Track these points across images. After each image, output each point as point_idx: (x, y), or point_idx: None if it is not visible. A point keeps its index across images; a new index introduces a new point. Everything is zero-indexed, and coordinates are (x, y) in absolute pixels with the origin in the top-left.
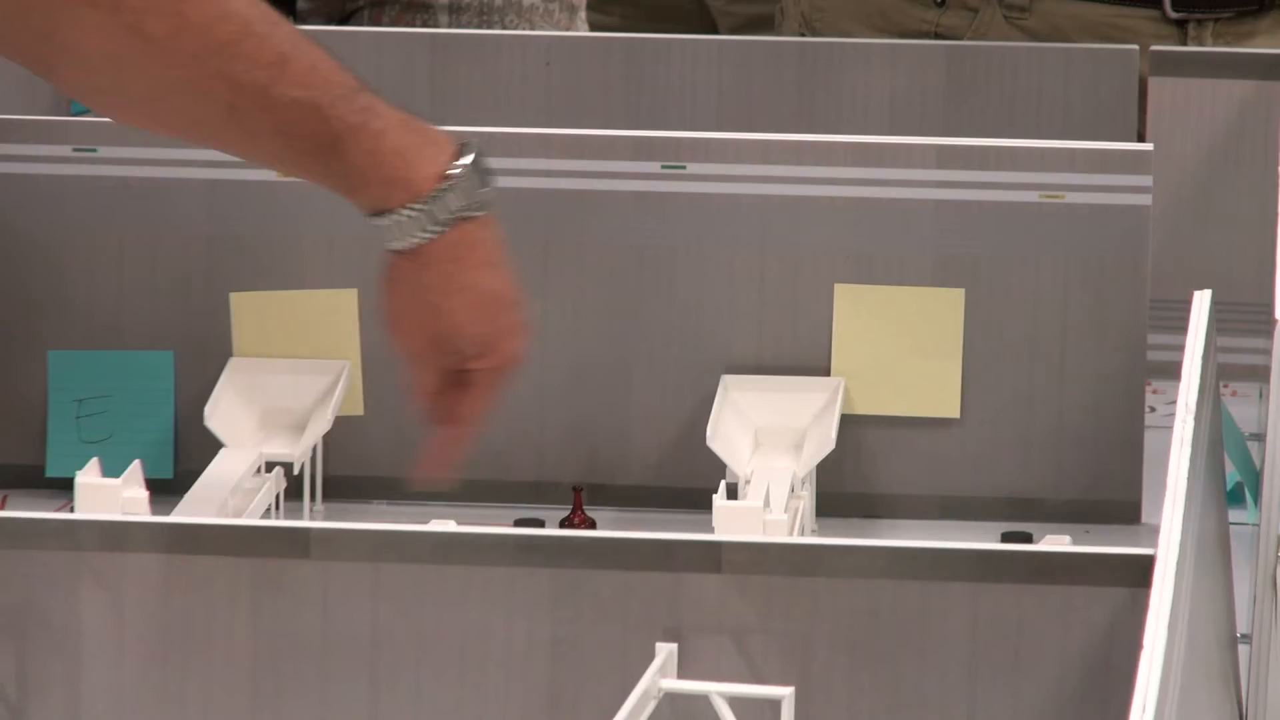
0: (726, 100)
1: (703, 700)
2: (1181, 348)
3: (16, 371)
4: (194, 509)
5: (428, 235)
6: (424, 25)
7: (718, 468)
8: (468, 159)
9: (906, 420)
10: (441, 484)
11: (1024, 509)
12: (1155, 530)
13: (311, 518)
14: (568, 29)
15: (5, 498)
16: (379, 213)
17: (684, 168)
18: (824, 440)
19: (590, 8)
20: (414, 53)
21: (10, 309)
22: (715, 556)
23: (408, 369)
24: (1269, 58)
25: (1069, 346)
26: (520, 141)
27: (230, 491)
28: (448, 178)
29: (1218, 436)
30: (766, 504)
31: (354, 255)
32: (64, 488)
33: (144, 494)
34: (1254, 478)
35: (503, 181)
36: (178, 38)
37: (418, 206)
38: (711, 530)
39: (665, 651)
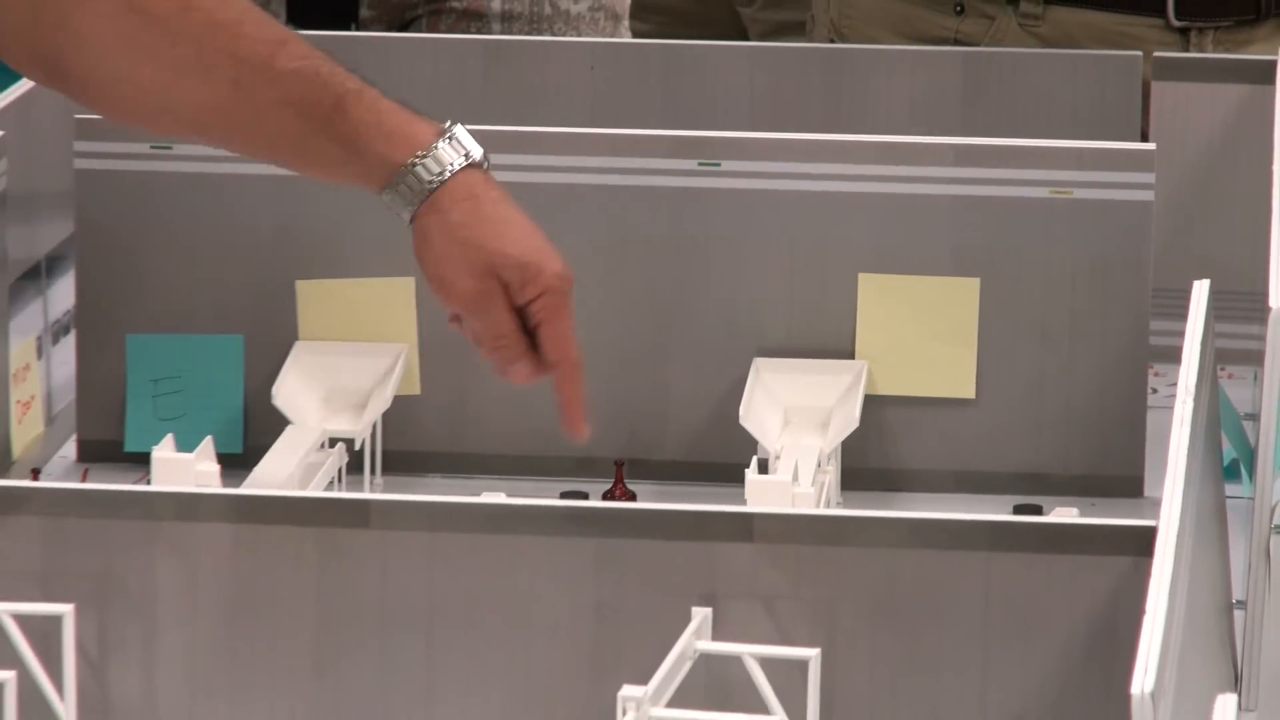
0: (758, 102)
1: (735, 661)
2: (1182, 334)
3: (97, 354)
4: (262, 482)
5: (439, 180)
6: (478, 33)
7: (750, 444)
8: (456, 127)
9: (925, 401)
10: (585, 435)
11: (1034, 483)
12: (1157, 503)
13: (371, 490)
14: (611, 36)
15: (87, 471)
16: (388, 175)
17: (719, 165)
18: (848, 419)
19: (631, 16)
20: (469, 58)
21: (92, 296)
22: (747, 527)
23: (473, 326)
24: (1264, 64)
25: (1077, 332)
26: (567, 140)
27: (296, 466)
28: (443, 132)
29: (1215, 416)
30: (795, 478)
31: (410, 246)
32: (141, 462)
33: (215, 468)
34: (1249, 454)
35: (550, 177)
36: (182, 15)
37: (422, 155)
38: (744, 503)
39: (700, 615)
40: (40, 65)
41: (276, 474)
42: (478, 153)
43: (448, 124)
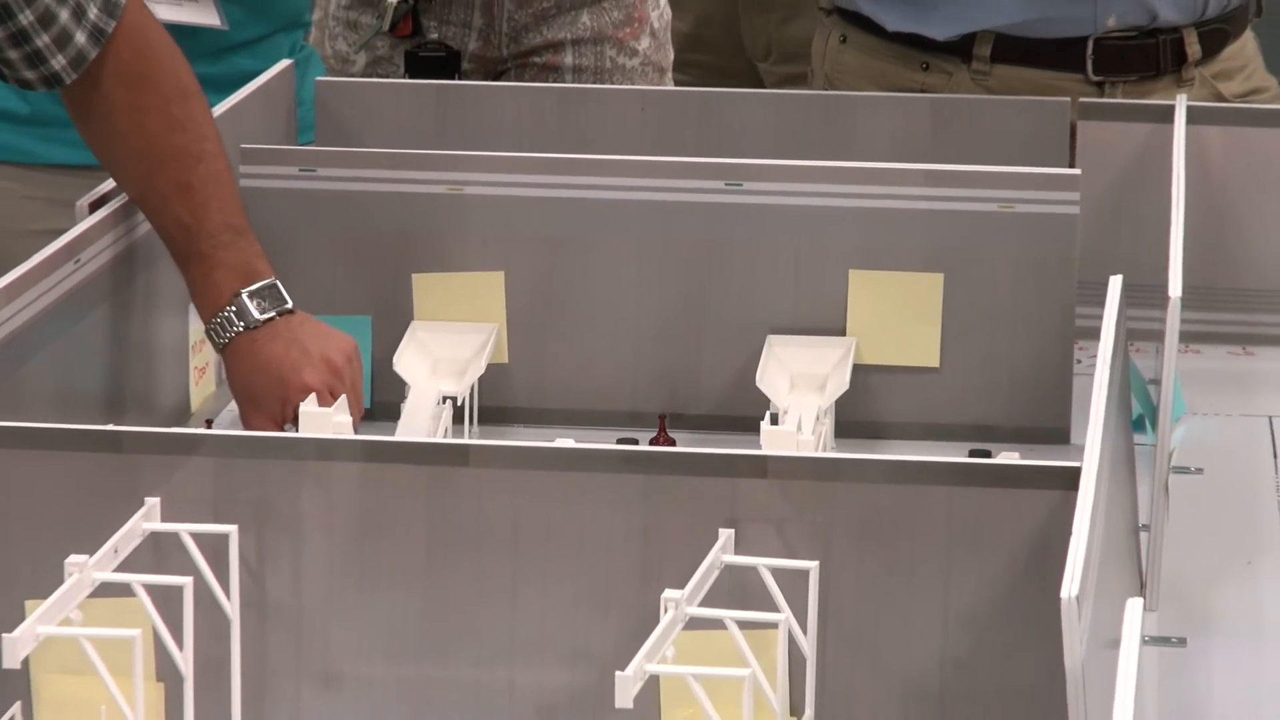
0: (771, 136)
1: (752, 570)
2: (1101, 317)
3: None
4: (390, 431)
5: (232, 332)
6: (554, 82)
7: (764, 402)
8: (263, 284)
9: (900, 369)
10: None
11: (985, 433)
12: (1080, 449)
13: (470, 437)
14: (658, 85)
15: None
16: (207, 320)
17: (741, 185)
18: (840, 383)
19: (674, 69)
20: (546, 102)
21: None
22: (763, 466)
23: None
24: (1164, 108)
25: (1018, 316)
26: (623, 166)
27: (429, 418)
28: (237, 297)
29: (1126, 382)
30: (799, 429)
31: (501, 248)
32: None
33: (348, 419)
34: (1152, 412)
35: (609, 195)
36: (132, 134)
37: (217, 316)
38: (760, 447)
39: (725, 535)
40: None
41: (402, 426)
42: (276, 310)
43: (267, 280)
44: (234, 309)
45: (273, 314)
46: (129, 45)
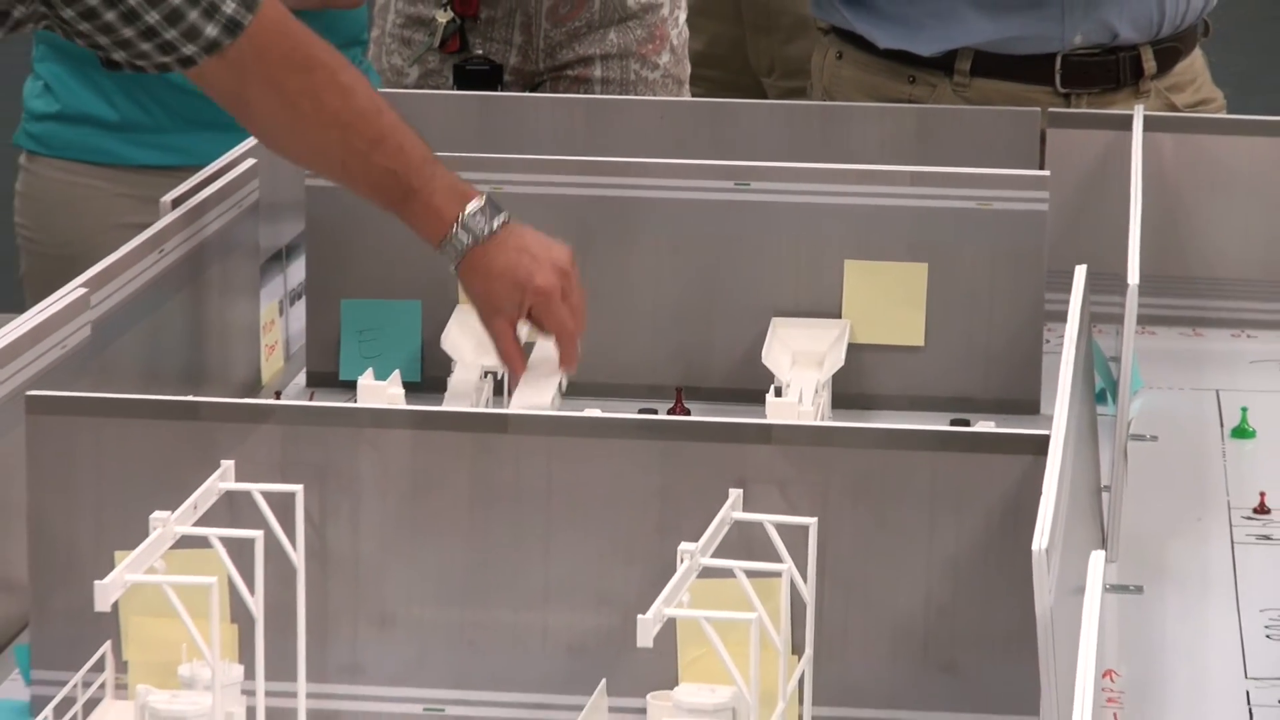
0: (775, 142)
1: (758, 526)
2: (1068, 302)
3: (321, 313)
4: (438, 402)
5: (468, 244)
6: (585, 93)
7: (769, 377)
8: (480, 202)
9: (889, 347)
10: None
11: (964, 404)
12: (1049, 419)
13: (509, 408)
14: (676, 96)
15: (313, 394)
16: (437, 243)
17: (749, 185)
18: (836, 359)
19: (690, 82)
20: (576, 112)
21: (317, 272)
22: (767, 433)
23: (499, 339)
24: (1123, 117)
25: (994, 301)
26: (645, 168)
27: (472, 389)
28: (460, 217)
29: (1089, 359)
30: (800, 400)
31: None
32: (350, 387)
33: (401, 391)
34: (1113, 386)
35: (633, 193)
36: (315, 111)
37: (454, 230)
38: (765, 416)
39: (735, 495)
40: (239, 119)
41: (450, 396)
42: (496, 221)
43: (480, 197)
44: (461, 228)
45: (496, 226)
46: (284, 36)
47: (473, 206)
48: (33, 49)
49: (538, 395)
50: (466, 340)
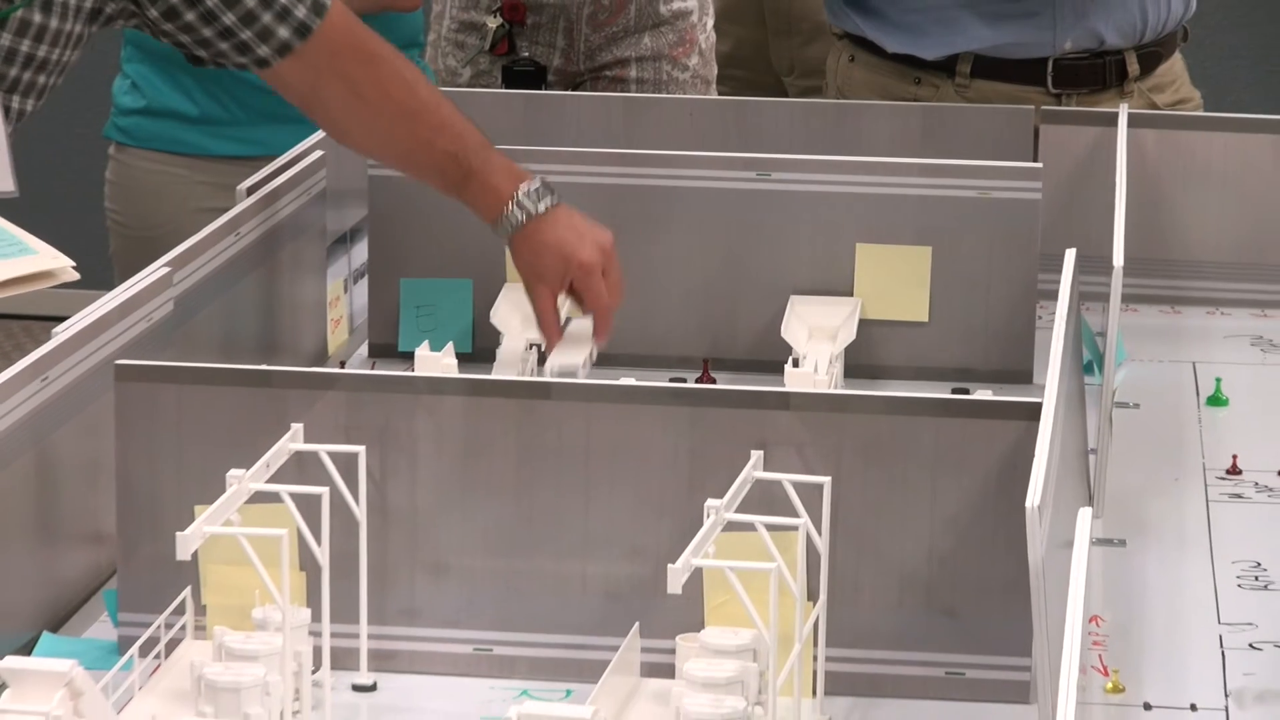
0: (794, 136)
1: (778, 484)
2: (1059, 282)
3: (382, 290)
4: (488, 372)
5: (520, 222)
6: (621, 92)
7: (787, 349)
8: (534, 184)
9: (896, 322)
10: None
11: (964, 375)
12: (1041, 388)
13: (545, 366)
14: (704, 94)
15: (374, 363)
16: (493, 220)
17: (769, 175)
18: (849, 334)
19: (717, 82)
20: (613, 110)
21: (379, 254)
22: (786, 400)
23: (540, 305)
24: (1109, 114)
25: (992, 281)
26: (676, 160)
27: (519, 359)
28: (515, 196)
29: (1078, 334)
30: (816, 371)
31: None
32: (408, 358)
33: (454, 361)
34: (1099, 358)
35: (664, 183)
36: (383, 103)
37: (509, 208)
38: (784, 385)
39: (756, 456)
40: (311, 114)
41: (500, 366)
42: (548, 201)
43: (534, 178)
44: (516, 205)
45: (547, 205)
46: (351, 35)
47: (527, 186)
48: (121, 50)
49: (570, 357)
50: (514, 315)
